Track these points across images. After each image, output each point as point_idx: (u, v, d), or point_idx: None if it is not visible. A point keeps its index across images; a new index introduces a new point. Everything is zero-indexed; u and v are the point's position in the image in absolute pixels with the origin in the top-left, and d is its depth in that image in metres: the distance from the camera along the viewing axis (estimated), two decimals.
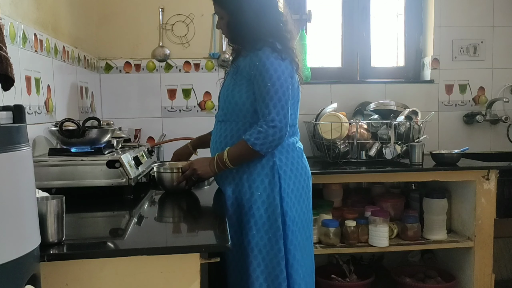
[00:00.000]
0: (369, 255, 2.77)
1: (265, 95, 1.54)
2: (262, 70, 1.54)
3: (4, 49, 0.99)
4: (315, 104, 2.74)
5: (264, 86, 1.54)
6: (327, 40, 3.04)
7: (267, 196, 1.60)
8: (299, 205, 1.67)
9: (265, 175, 1.61)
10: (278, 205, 1.60)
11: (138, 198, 1.67)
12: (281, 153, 1.64)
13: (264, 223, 1.60)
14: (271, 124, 1.53)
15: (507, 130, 2.97)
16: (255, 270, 1.59)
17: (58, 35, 2.00)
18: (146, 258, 1.05)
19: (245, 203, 1.62)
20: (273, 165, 1.62)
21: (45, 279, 0.97)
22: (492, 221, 2.34)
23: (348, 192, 2.70)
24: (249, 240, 1.59)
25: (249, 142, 1.54)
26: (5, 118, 0.82)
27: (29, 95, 1.66)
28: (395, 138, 2.44)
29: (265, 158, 1.61)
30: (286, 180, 1.62)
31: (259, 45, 1.57)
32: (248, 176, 1.62)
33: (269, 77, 1.53)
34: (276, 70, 1.54)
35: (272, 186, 1.61)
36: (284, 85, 1.55)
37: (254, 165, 1.62)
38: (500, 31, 2.95)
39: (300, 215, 1.67)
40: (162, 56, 2.73)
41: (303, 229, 1.68)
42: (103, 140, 1.71)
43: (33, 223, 0.88)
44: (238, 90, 1.61)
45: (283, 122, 1.54)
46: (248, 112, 1.61)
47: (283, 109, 1.54)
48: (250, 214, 1.60)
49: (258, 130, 1.54)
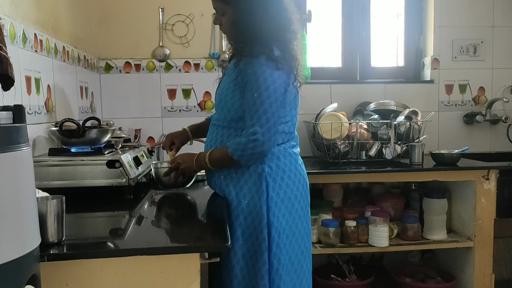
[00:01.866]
0: (369, 255, 2.77)
1: (251, 106, 1.46)
2: (252, 78, 1.46)
3: (4, 49, 0.99)
4: (315, 104, 2.74)
5: (251, 96, 1.46)
6: (327, 40, 3.04)
7: (254, 205, 1.50)
8: (290, 216, 1.54)
9: (252, 183, 1.52)
10: (264, 215, 1.49)
11: (138, 198, 1.66)
12: (270, 160, 1.53)
13: (251, 234, 1.50)
14: (251, 137, 1.44)
15: (507, 130, 2.97)
16: (240, 283, 1.50)
17: (58, 35, 2.00)
18: (146, 258, 1.05)
19: (233, 211, 1.53)
20: (261, 172, 1.51)
21: (45, 279, 0.97)
22: (492, 221, 2.33)
23: (348, 192, 2.70)
24: (235, 251, 1.50)
25: (229, 150, 1.47)
26: (5, 118, 0.82)
27: (29, 95, 1.66)
28: (395, 138, 2.44)
29: (253, 165, 1.52)
30: (275, 189, 1.51)
31: (256, 51, 1.48)
32: (235, 183, 1.54)
33: (256, 87, 1.45)
34: (266, 79, 1.45)
35: (260, 194, 1.50)
36: (272, 96, 1.45)
37: (242, 172, 1.53)
38: (500, 31, 2.95)
39: (292, 227, 1.54)
40: (162, 56, 2.73)
41: (295, 242, 1.55)
42: (103, 140, 1.71)
43: (33, 223, 0.88)
44: (232, 96, 1.53)
45: (266, 136, 1.44)
46: (240, 120, 1.52)
47: (268, 122, 1.44)
48: (237, 224, 1.51)
49: (238, 141, 1.46)
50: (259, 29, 1.50)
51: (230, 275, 1.52)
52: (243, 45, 1.56)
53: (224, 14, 1.57)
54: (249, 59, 1.49)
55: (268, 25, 1.51)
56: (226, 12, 1.56)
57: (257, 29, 1.50)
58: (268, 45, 1.49)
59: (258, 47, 1.49)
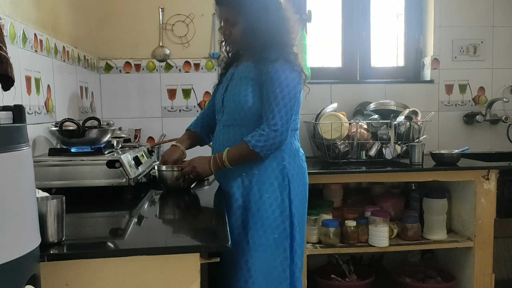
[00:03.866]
0: (369, 255, 2.77)
1: (272, 100, 1.59)
2: (274, 76, 1.59)
3: (4, 49, 0.99)
4: (315, 104, 2.73)
5: (272, 92, 1.59)
6: (327, 40, 3.04)
7: (275, 198, 1.65)
8: (301, 206, 1.73)
9: (274, 178, 1.66)
10: (287, 207, 1.66)
11: (138, 198, 1.67)
12: (290, 157, 1.69)
13: (270, 224, 1.64)
14: (273, 128, 1.58)
15: (507, 130, 2.97)
16: (257, 271, 1.61)
17: (58, 35, 2.00)
18: (146, 258, 1.05)
19: (253, 205, 1.65)
20: (283, 168, 1.67)
21: (45, 279, 0.97)
22: (492, 221, 2.34)
23: (348, 192, 2.70)
24: (254, 241, 1.63)
25: (250, 144, 1.58)
26: (5, 118, 0.82)
27: (29, 95, 1.66)
28: (395, 138, 2.44)
29: (276, 161, 1.66)
30: (294, 184, 1.68)
31: (274, 55, 1.61)
32: (258, 179, 1.66)
33: (278, 84, 1.58)
34: (287, 77, 1.59)
35: (282, 188, 1.66)
36: (292, 92, 1.60)
37: (265, 169, 1.66)
38: (500, 31, 2.95)
39: (302, 215, 1.75)
40: (162, 56, 2.73)
41: (302, 229, 1.76)
42: (103, 140, 1.71)
43: (33, 223, 0.88)
44: (245, 94, 1.64)
45: (284, 127, 1.59)
46: (255, 117, 1.64)
47: (286, 115, 1.59)
48: (258, 216, 1.64)
49: (260, 133, 1.58)
50: (272, 35, 1.63)
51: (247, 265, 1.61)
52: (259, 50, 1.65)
53: (235, 24, 1.66)
54: (268, 62, 1.61)
55: (278, 30, 1.64)
56: (238, 21, 1.65)
57: (271, 35, 1.63)
58: (282, 49, 1.63)
59: (274, 51, 1.62)
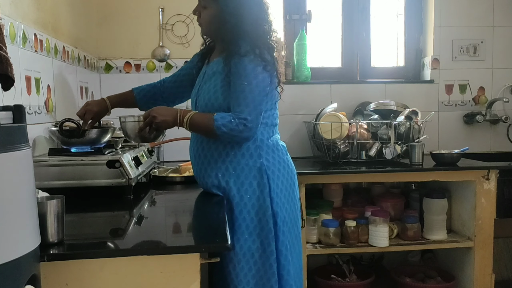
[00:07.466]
0: (369, 255, 2.77)
1: (239, 93, 1.51)
2: (240, 68, 1.52)
3: (4, 49, 0.99)
4: (315, 104, 2.74)
5: (239, 85, 1.51)
6: (327, 40, 3.04)
7: (256, 199, 1.58)
8: (288, 204, 1.64)
9: (253, 177, 1.59)
10: (268, 207, 1.57)
11: (138, 198, 1.66)
12: (267, 153, 1.61)
13: (255, 226, 1.57)
14: (243, 122, 1.50)
15: (507, 130, 2.97)
16: (247, 275, 1.56)
17: (58, 35, 2.00)
18: (146, 258, 1.05)
19: (235, 208, 1.58)
20: (260, 166, 1.59)
21: (45, 279, 0.97)
22: (492, 221, 2.33)
23: (348, 192, 2.70)
24: (241, 245, 1.56)
25: (216, 123, 1.50)
26: (5, 118, 0.82)
27: (29, 95, 1.66)
28: (395, 138, 2.44)
29: (252, 159, 1.59)
30: (275, 180, 1.60)
31: (244, 50, 1.53)
32: (235, 179, 1.59)
33: (245, 76, 1.51)
34: (254, 70, 1.52)
35: (261, 187, 1.58)
36: (261, 85, 1.53)
37: (241, 168, 1.59)
38: (500, 31, 2.95)
39: (290, 214, 1.65)
40: (162, 56, 2.73)
41: (292, 229, 1.66)
42: (103, 140, 1.71)
43: (33, 223, 0.88)
44: (214, 91, 1.58)
45: (254, 123, 1.52)
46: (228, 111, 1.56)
47: (255, 110, 1.52)
48: (241, 219, 1.57)
49: (230, 120, 1.50)
50: (245, 31, 1.55)
51: (235, 270, 1.56)
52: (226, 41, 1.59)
53: (206, 7, 1.61)
54: (237, 56, 1.53)
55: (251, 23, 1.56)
56: (208, 6, 1.60)
57: (241, 26, 1.55)
58: (254, 44, 1.54)
59: (244, 45, 1.54)
